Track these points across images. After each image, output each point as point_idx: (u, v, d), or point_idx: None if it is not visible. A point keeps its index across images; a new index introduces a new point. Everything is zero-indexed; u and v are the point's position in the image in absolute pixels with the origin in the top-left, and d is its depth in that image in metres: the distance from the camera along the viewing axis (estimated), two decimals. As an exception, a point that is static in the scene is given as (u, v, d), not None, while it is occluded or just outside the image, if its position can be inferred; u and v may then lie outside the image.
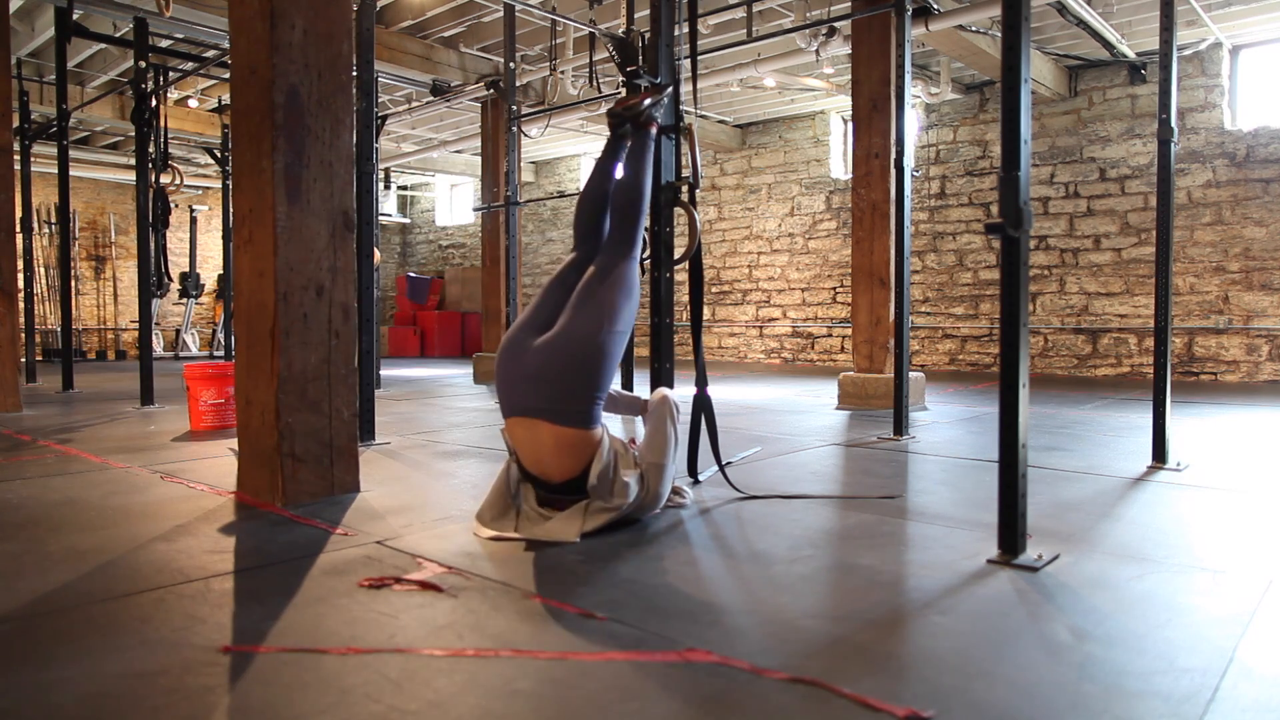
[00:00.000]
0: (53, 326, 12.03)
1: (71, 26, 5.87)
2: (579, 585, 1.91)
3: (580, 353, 2.34)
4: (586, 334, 2.36)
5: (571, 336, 2.35)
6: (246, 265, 2.81)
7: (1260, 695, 1.37)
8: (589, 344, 2.35)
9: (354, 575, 1.98)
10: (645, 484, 2.43)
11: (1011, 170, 2.04)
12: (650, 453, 2.47)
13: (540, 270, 13.56)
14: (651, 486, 2.45)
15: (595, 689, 1.38)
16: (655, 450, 2.47)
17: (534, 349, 2.37)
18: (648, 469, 2.45)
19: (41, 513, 2.62)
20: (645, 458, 2.47)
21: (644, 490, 2.43)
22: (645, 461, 2.46)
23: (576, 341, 2.35)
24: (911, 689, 1.38)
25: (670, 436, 2.52)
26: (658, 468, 2.46)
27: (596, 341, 2.36)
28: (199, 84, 9.29)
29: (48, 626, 1.67)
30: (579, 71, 7.93)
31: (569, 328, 2.37)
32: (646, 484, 2.43)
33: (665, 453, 2.48)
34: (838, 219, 10.33)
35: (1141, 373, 8.23)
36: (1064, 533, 2.37)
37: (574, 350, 2.34)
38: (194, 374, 4.57)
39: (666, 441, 2.50)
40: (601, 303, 2.42)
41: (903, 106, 4.41)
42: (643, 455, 2.47)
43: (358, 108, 4.18)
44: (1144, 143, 8.18)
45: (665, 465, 2.48)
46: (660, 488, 2.48)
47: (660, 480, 2.47)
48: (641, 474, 2.43)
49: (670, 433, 2.52)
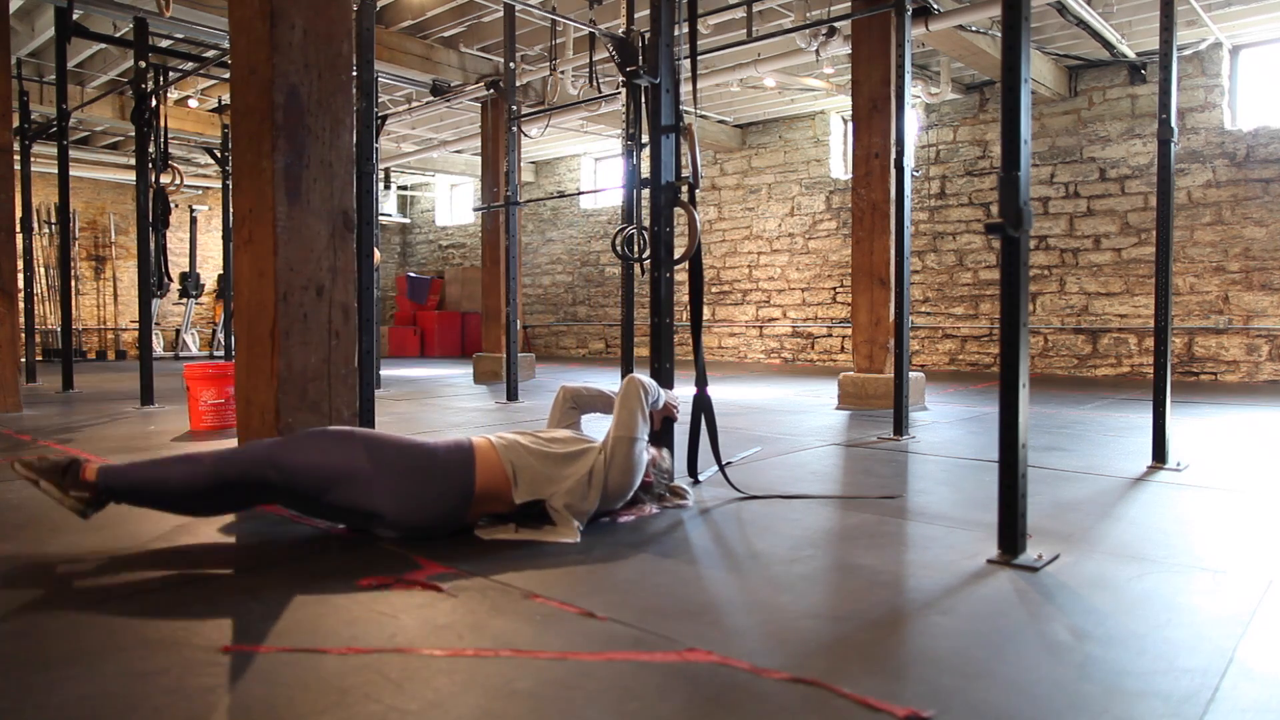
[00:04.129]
0: (53, 326, 12.03)
1: (71, 26, 5.87)
2: (579, 585, 1.91)
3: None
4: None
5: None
6: (246, 265, 2.81)
7: (1260, 695, 1.37)
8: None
9: (354, 575, 1.98)
10: (608, 457, 2.40)
11: (1011, 170, 2.04)
12: (615, 427, 2.45)
13: (540, 270, 13.58)
14: (620, 459, 2.40)
15: (595, 689, 1.38)
16: (619, 424, 2.45)
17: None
18: (614, 443, 2.42)
19: (41, 513, 2.62)
20: (611, 432, 2.45)
21: (608, 462, 2.40)
22: (610, 436, 2.44)
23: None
24: (911, 689, 1.38)
25: (634, 410, 2.47)
26: (621, 440, 2.42)
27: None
28: (199, 84, 9.29)
29: (48, 626, 1.67)
30: (579, 71, 7.93)
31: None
32: (610, 457, 2.40)
33: (632, 426, 2.44)
34: (838, 219, 10.33)
35: (1141, 373, 8.22)
36: (1064, 533, 2.37)
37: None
38: (194, 374, 4.57)
39: (632, 415, 2.46)
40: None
41: (903, 106, 4.41)
42: (609, 431, 2.46)
43: (358, 108, 4.17)
44: (1144, 143, 8.18)
45: (629, 438, 2.43)
46: (629, 461, 2.42)
47: (625, 453, 2.42)
48: (605, 460, 2.41)
49: (635, 407, 2.48)
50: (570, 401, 2.76)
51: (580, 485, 2.34)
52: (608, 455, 2.41)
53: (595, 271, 12.90)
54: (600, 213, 12.80)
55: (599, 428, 2.78)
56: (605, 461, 2.40)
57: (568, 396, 2.77)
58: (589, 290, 13.03)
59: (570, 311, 13.31)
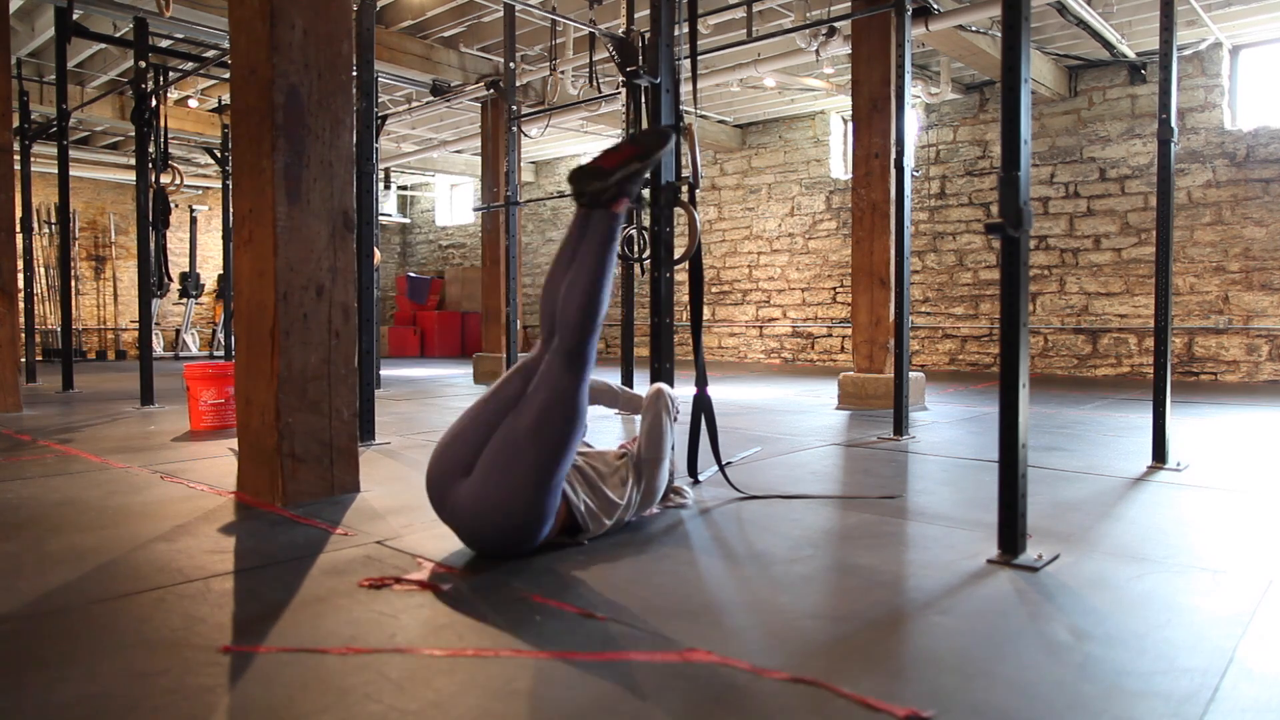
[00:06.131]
0: (53, 326, 12.03)
1: (71, 26, 5.86)
2: (579, 585, 1.91)
3: (508, 523, 2.03)
4: (510, 506, 2.01)
5: (497, 506, 2.01)
6: (246, 265, 2.81)
7: (1260, 695, 1.37)
8: (516, 515, 2.02)
9: (354, 575, 1.98)
10: (642, 482, 2.42)
11: (1011, 170, 2.04)
12: (647, 449, 2.47)
13: (540, 270, 13.56)
14: (648, 483, 2.44)
15: (595, 689, 1.38)
16: (651, 446, 2.47)
17: (461, 497, 2.06)
18: (645, 465, 2.44)
19: (41, 513, 2.62)
20: (642, 454, 2.46)
21: (640, 489, 2.42)
22: (641, 459, 2.45)
23: (503, 512, 2.01)
24: (911, 689, 1.38)
25: (666, 431, 2.52)
26: (655, 463, 2.46)
27: (521, 512, 2.02)
28: (199, 84, 9.28)
29: (48, 626, 1.67)
30: (579, 71, 7.92)
31: (490, 493, 2.01)
32: (644, 482, 2.43)
33: (662, 448, 2.48)
34: (838, 219, 10.33)
35: (1141, 373, 8.22)
36: (1064, 533, 2.37)
37: (500, 521, 2.03)
38: (194, 374, 4.57)
39: (663, 437, 2.50)
40: (528, 460, 2.01)
41: (903, 106, 4.41)
42: (639, 452, 2.47)
43: (358, 108, 4.18)
44: (1144, 143, 8.18)
45: (662, 460, 2.48)
46: (656, 483, 2.47)
47: (656, 476, 2.47)
48: (636, 475, 2.42)
49: (666, 427, 2.52)
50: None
51: (618, 512, 2.34)
52: (638, 477, 2.42)
53: (595, 271, 12.88)
54: (600, 213, 12.77)
55: (601, 428, 2.78)
56: (635, 482, 2.41)
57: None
58: (589, 290, 13.00)
59: (570, 311, 13.28)
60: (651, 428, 2.51)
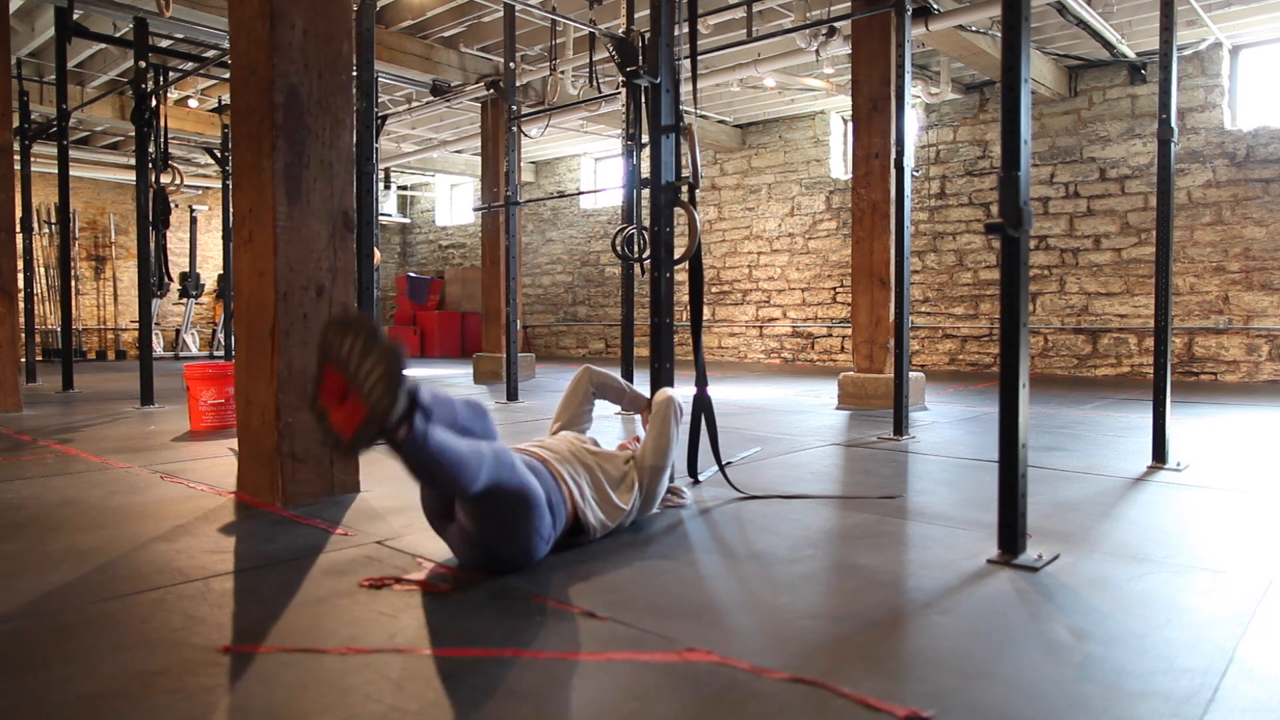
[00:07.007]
0: (53, 326, 12.03)
1: (71, 26, 5.87)
2: (579, 585, 1.91)
3: (507, 563, 1.99)
4: (505, 554, 1.97)
5: (491, 552, 1.97)
6: (246, 265, 2.81)
7: (1260, 695, 1.37)
8: (509, 563, 1.98)
9: (354, 575, 1.98)
10: (643, 489, 2.42)
11: (1011, 170, 2.04)
12: (652, 455, 2.46)
13: (540, 270, 13.57)
14: (650, 488, 2.44)
15: (595, 689, 1.38)
16: (658, 453, 2.47)
17: (452, 535, 2.03)
18: (648, 472, 2.44)
19: (41, 513, 2.62)
20: (646, 460, 2.46)
21: (641, 495, 2.42)
22: (645, 465, 2.45)
23: (498, 558, 1.97)
24: (911, 689, 1.38)
25: (672, 438, 2.52)
26: (658, 470, 2.45)
27: (514, 561, 1.98)
28: (199, 84, 9.28)
29: (48, 626, 1.67)
30: (579, 71, 7.92)
31: (483, 539, 1.95)
32: (644, 489, 2.42)
33: (666, 455, 2.48)
34: (838, 219, 10.33)
35: (1141, 373, 8.22)
36: (1064, 533, 2.37)
37: (497, 565, 1.99)
38: (194, 374, 4.57)
39: (669, 444, 2.49)
40: (509, 544, 1.94)
41: (903, 106, 4.41)
42: (644, 457, 2.47)
43: (358, 108, 4.18)
44: (1144, 143, 8.18)
45: (664, 467, 2.48)
46: (658, 489, 2.47)
47: (659, 482, 2.47)
48: (638, 481, 2.41)
49: (673, 434, 2.52)
50: (592, 386, 2.74)
51: (622, 517, 2.34)
52: (642, 482, 2.42)
53: (595, 271, 12.90)
54: (600, 213, 12.79)
55: (601, 428, 2.78)
56: (639, 487, 2.41)
57: (591, 380, 2.74)
58: (589, 290, 13.03)
59: (570, 311, 13.31)
60: (660, 435, 2.50)
